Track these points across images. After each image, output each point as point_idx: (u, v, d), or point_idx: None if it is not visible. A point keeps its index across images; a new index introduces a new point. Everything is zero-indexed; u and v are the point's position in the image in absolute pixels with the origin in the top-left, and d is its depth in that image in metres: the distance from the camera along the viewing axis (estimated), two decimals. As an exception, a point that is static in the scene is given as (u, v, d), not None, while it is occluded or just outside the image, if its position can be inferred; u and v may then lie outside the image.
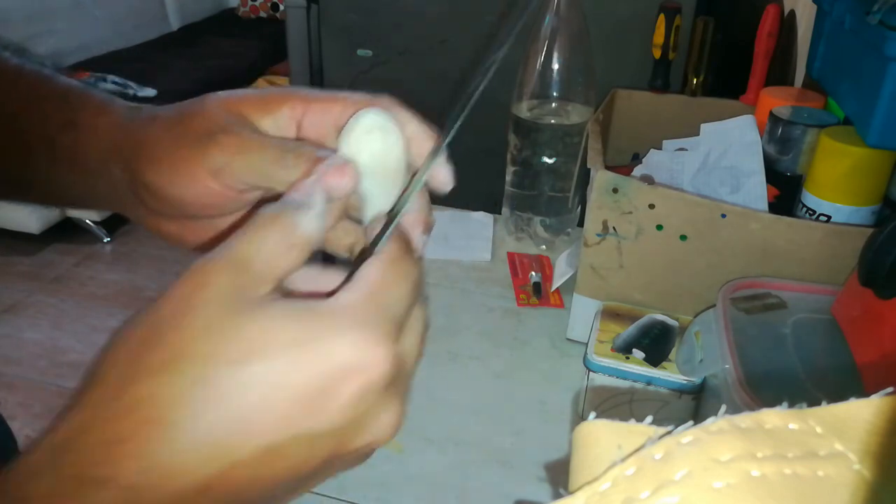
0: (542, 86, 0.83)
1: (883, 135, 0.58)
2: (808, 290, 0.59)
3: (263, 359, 0.24)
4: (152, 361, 0.24)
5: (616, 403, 0.60)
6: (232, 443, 0.24)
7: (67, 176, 0.39)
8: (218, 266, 0.25)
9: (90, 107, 0.38)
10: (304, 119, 0.34)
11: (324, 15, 1.35)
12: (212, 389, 0.24)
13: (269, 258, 0.26)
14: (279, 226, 0.27)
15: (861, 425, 0.20)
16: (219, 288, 0.25)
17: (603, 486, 0.19)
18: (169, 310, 0.25)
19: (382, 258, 0.28)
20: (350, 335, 0.25)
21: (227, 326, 0.24)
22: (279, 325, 0.25)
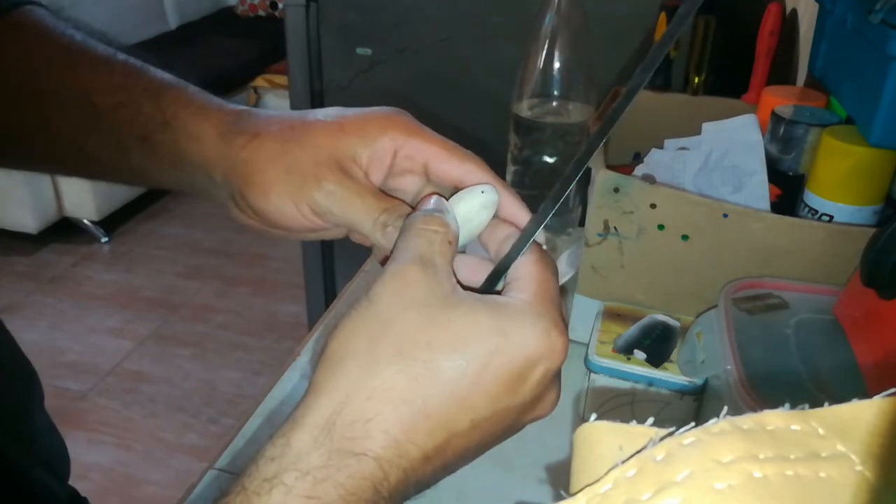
0: (543, 85, 0.83)
1: (885, 134, 0.58)
2: (810, 291, 0.58)
3: (475, 346, 0.29)
4: (388, 352, 0.28)
5: (617, 404, 0.60)
6: (453, 417, 0.29)
7: (161, 168, 0.40)
8: (413, 267, 0.30)
9: (186, 107, 0.39)
10: (400, 150, 0.37)
11: (323, 13, 1.35)
12: (435, 373, 0.28)
13: (440, 252, 0.31)
14: (437, 223, 0.32)
15: (863, 426, 0.20)
16: (420, 286, 0.30)
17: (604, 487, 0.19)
18: (387, 307, 0.29)
19: (533, 258, 0.33)
20: (539, 326, 0.30)
21: (440, 320, 0.29)
22: (481, 316, 0.29)
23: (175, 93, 0.40)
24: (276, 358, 2.10)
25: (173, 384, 2.02)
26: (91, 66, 0.41)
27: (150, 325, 2.24)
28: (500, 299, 0.31)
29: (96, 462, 1.76)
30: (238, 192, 0.37)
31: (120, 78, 0.40)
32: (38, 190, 2.42)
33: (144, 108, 0.39)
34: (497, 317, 0.29)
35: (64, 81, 0.41)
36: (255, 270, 2.51)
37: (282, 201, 0.36)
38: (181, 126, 0.38)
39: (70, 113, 0.40)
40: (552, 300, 0.32)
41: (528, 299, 0.31)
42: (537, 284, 0.32)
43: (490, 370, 0.29)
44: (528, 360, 0.30)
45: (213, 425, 1.89)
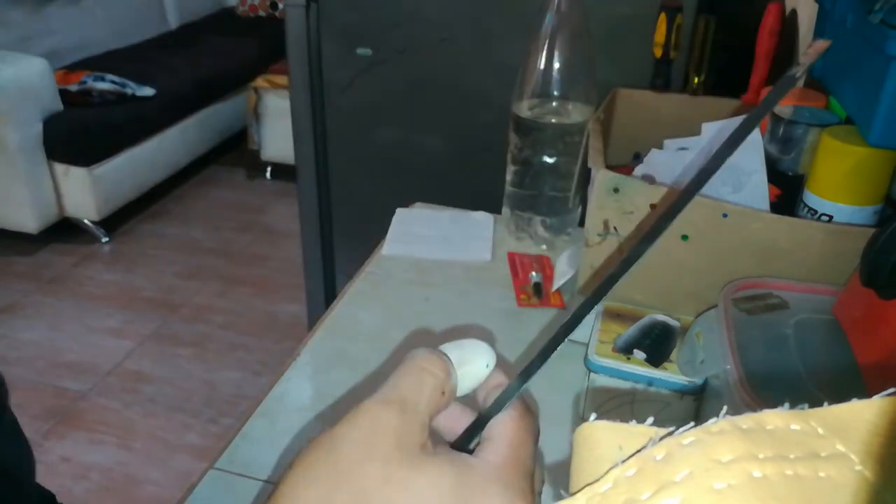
0: (543, 85, 0.83)
1: (885, 134, 0.58)
2: (809, 291, 0.58)
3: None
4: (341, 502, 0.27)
5: (617, 404, 0.60)
6: None
7: None
8: (389, 409, 0.29)
9: None
10: None
11: (323, 14, 1.35)
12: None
13: (428, 401, 0.30)
14: (437, 368, 0.31)
15: (863, 426, 0.20)
16: (388, 435, 0.28)
17: (604, 487, 0.19)
18: (348, 454, 0.28)
19: (513, 415, 0.32)
20: (500, 495, 0.28)
21: (400, 478, 0.28)
22: (443, 480, 0.28)
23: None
24: (276, 358, 2.10)
25: (173, 384, 2.02)
26: None
27: (151, 325, 2.24)
28: (470, 461, 0.30)
29: (96, 462, 1.76)
30: None
31: None
32: (38, 190, 2.42)
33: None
34: (460, 484, 0.28)
35: None
36: (255, 270, 2.51)
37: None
38: None
39: None
40: (523, 467, 0.30)
41: (498, 464, 0.30)
42: (510, 448, 0.30)
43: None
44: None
45: (213, 425, 1.89)
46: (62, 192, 2.51)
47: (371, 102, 1.38)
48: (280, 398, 0.66)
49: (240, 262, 2.56)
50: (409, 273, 0.84)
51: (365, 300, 0.80)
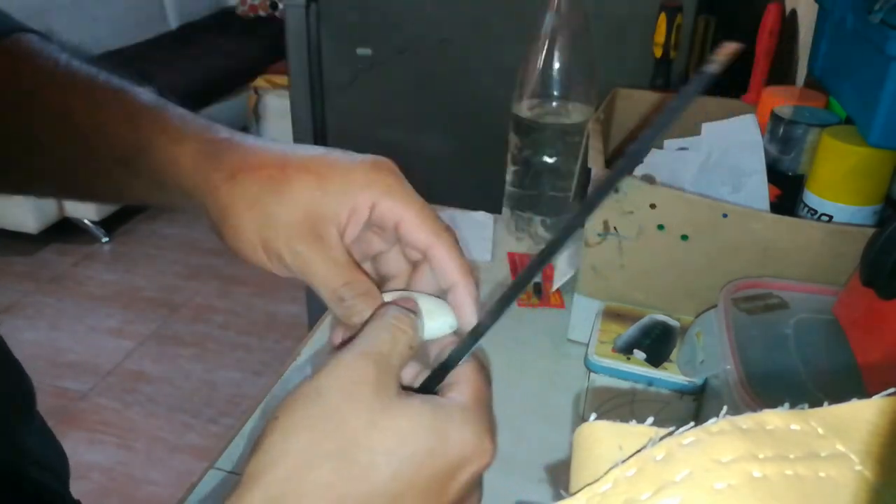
0: (543, 85, 0.83)
1: (885, 134, 0.58)
2: (809, 291, 0.58)
3: (415, 447, 0.30)
4: (329, 449, 0.29)
5: (617, 404, 0.60)
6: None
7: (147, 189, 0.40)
8: (366, 363, 0.31)
9: (163, 133, 0.39)
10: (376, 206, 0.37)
11: (323, 14, 1.35)
12: (377, 474, 0.29)
13: (400, 355, 0.33)
14: (406, 325, 0.34)
15: (863, 426, 0.20)
16: (369, 385, 0.30)
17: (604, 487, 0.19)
18: (334, 404, 0.30)
19: (474, 366, 0.34)
20: (475, 428, 0.32)
21: (384, 421, 0.30)
22: (424, 420, 0.30)
23: (152, 116, 0.39)
24: (276, 358, 2.10)
25: (174, 384, 2.02)
26: (73, 88, 0.41)
27: (151, 325, 2.24)
28: (442, 401, 0.32)
29: (96, 462, 1.76)
30: (216, 227, 0.38)
31: (100, 99, 0.40)
32: (38, 190, 2.42)
33: (121, 131, 0.39)
34: (436, 419, 0.31)
35: (49, 103, 0.41)
36: (255, 270, 2.48)
37: (254, 249, 0.37)
38: (158, 152, 0.38)
39: (57, 135, 0.41)
40: (487, 406, 0.34)
41: (466, 403, 0.32)
42: (475, 392, 0.33)
43: (425, 469, 0.30)
44: (460, 460, 0.31)
45: (214, 425, 1.89)
46: (62, 192, 2.51)
47: (371, 102, 1.38)
48: (280, 398, 0.66)
49: (240, 262, 2.54)
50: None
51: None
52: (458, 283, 0.37)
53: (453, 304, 0.37)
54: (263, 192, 0.36)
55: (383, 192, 0.37)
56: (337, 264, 0.36)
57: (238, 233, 0.37)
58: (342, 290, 0.36)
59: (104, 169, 0.40)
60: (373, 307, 0.36)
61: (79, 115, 0.40)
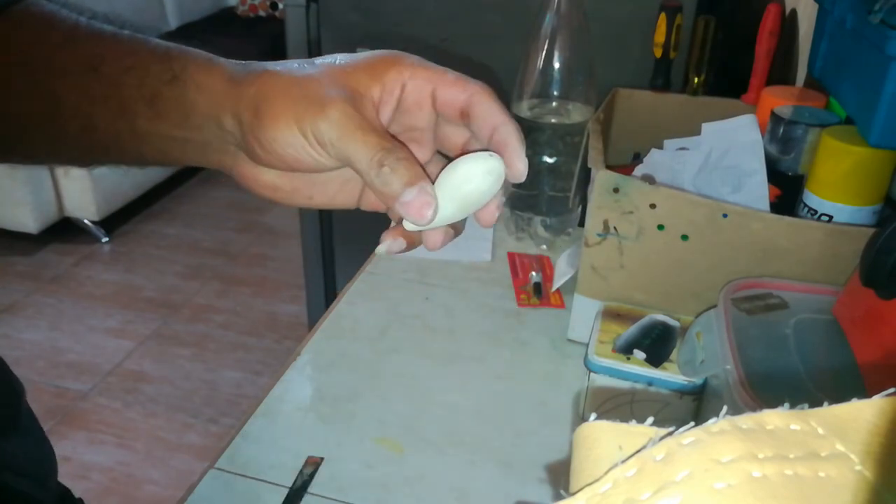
0: (543, 85, 0.83)
1: (884, 134, 0.58)
2: (809, 291, 0.58)
3: None
4: None
5: (617, 404, 0.60)
6: None
7: (169, 132, 0.40)
8: None
9: (195, 63, 0.39)
10: (407, 83, 0.38)
11: (323, 13, 1.35)
12: None
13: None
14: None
15: (863, 426, 0.20)
16: None
17: (604, 487, 0.19)
18: None
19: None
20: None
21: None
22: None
23: (182, 51, 0.40)
24: (276, 358, 2.10)
25: (174, 384, 2.02)
26: (98, 40, 0.41)
27: (151, 325, 2.24)
28: None
29: (96, 462, 1.76)
30: (248, 130, 0.37)
31: (127, 45, 0.40)
32: (38, 190, 2.42)
33: (153, 68, 0.39)
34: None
35: (72, 58, 0.41)
36: (255, 270, 2.51)
37: (290, 129, 0.36)
38: (190, 78, 0.39)
39: (78, 87, 0.40)
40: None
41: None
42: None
43: None
44: None
45: (214, 425, 1.89)
46: (62, 191, 2.51)
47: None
48: (280, 398, 0.66)
49: (240, 262, 2.56)
50: (409, 273, 0.84)
51: (365, 300, 0.80)
52: (500, 124, 0.37)
53: (498, 145, 0.37)
54: (293, 77, 0.37)
55: (409, 68, 0.38)
56: (374, 130, 0.36)
57: (274, 118, 0.36)
58: (380, 155, 0.35)
59: (129, 114, 0.40)
60: (416, 173, 0.35)
61: (107, 64, 0.40)
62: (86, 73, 0.40)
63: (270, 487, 0.57)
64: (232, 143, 0.39)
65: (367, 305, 0.79)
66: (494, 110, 0.37)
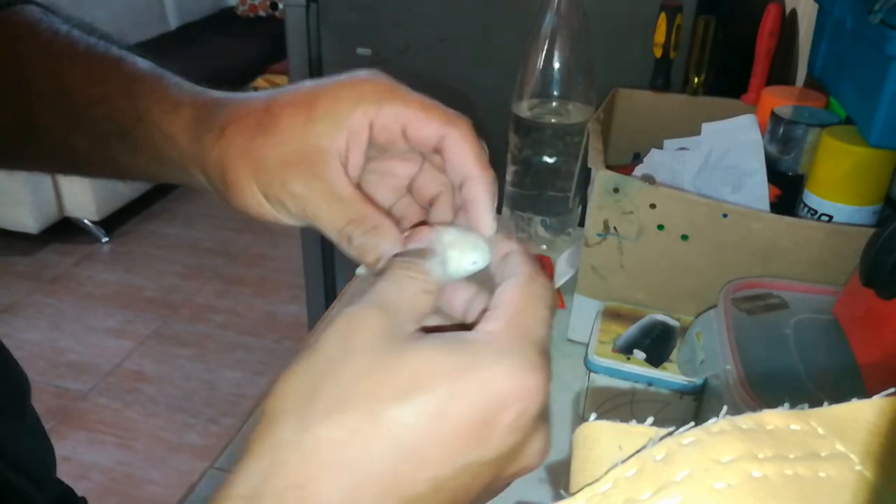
0: (543, 85, 0.83)
1: (885, 134, 0.58)
2: (809, 291, 0.58)
3: (426, 392, 0.24)
4: (321, 406, 0.25)
5: (617, 404, 0.60)
6: (405, 478, 0.24)
7: (146, 163, 0.39)
8: (369, 311, 0.27)
9: (159, 103, 0.37)
10: (375, 121, 0.34)
11: (323, 13, 1.35)
12: (379, 427, 0.24)
13: (411, 299, 0.28)
14: (416, 271, 0.29)
15: (863, 426, 0.20)
16: (372, 330, 0.26)
17: (604, 487, 0.19)
18: (327, 356, 0.26)
19: (518, 281, 0.29)
20: (503, 363, 0.25)
21: (386, 365, 0.25)
22: (435, 358, 0.25)
23: (149, 86, 0.38)
24: (276, 358, 2.10)
25: (174, 384, 2.02)
26: (71, 60, 0.40)
27: (151, 325, 2.24)
28: (465, 336, 0.27)
29: (96, 462, 1.76)
30: (219, 193, 0.36)
31: (98, 72, 0.39)
32: (38, 190, 2.42)
33: (120, 104, 0.38)
34: (452, 356, 0.25)
35: (47, 77, 0.40)
36: (255, 270, 2.51)
37: (257, 201, 0.34)
38: (154, 124, 0.37)
39: (54, 108, 0.40)
40: (528, 331, 0.27)
41: (498, 333, 0.27)
42: (514, 313, 0.28)
43: (446, 419, 0.24)
44: (493, 403, 0.25)
45: (214, 425, 1.89)
46: (62, 191, 2.51)
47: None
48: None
49: (240, 261, 2.56)
50: (409, 273, 0.84)
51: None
52: (470, 175, 0.33)
53: (466, 199, 0.33)
54: (252, 139, 0.34)
55: (377, 102, 0.33)
56: (339, 200, 0.33)
57: (237, 188, 0.34)
58: (348, 229, 0.32)
59: (104, 143, 0.39)
60: (390, 241, 0.32)
61: (78, 90, 0.39)
62: (59, 95, 0.39)
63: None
64: (210, 189, 0.37)
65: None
66: (467, 158, 0.34)
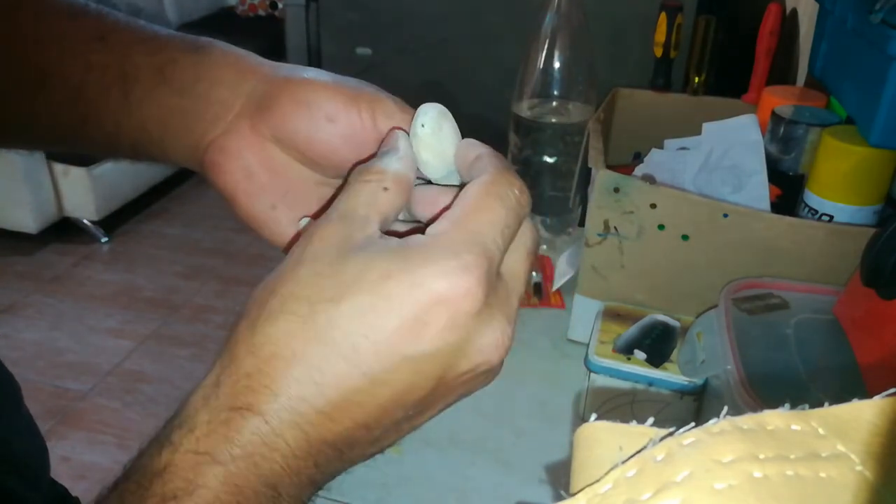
0: (543, 84, 0.83)
1: (885, 134, 0.58)
2: (810, 291, 0.58)
3: (356, 294, 0.26)
4: (271, 308, 0.28)
5: (617, 404, 0.60)
6: (341, 372, 0.26)
7: (165, 97, 0.39)
8: (326, 223, 0.28)
9: (222, 44, 0.39)
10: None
11: (323, 13, 1.35)
12: (315, 326, 0.26)
13: (367, 202, 0.29)
14: (370, 172, 0.30)
15: (863, 426, 0.20)
16: (324, 239, 0.28)
17: (604, 487, 0.19)
18: (284, 268, 0.28)
19: (480, 180, 0.30)
20: (437, 265, 0.26)
21: (329, 271, 0.27)
22: (372, 262, 0.27)
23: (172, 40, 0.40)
24: (276, 358, 2.10)
25: (173, 384, 2.01)
26: (108, 16, 0.41)
27: (150, 325, 2.24)
28: (410, 239, 0.27)
29: (96, 462, 1.76)
30: (282, 85, 0.37)
31: (141, 24, 0.40)
32: (38, 190, 2.42)
33: (173, 41, 0.39)
34: (389, 260, 0.26)
35: (75, 29, 0.39)
36: (255, 270, 2.51)
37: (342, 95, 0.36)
38: (219, 48, 0.38)
39: (76, 56, 0.39)
40: (471, 232, 0.27)
41: (441, 233, 0.27)
42: (463, 214, 0.28)
43: (375, 317, 0.26)
44: (419, 304, 0.26)
45: (213, 425, 1.89)
46: (62, 191, 2.51)
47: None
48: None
49: (239, 262, 2.56)
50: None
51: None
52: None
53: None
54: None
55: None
56: None
57: (322, 84, 0.37)
58: None
59: (126, 79, 0.39)
60: None
61: (118, 34, 0.40)
62: (90, 41, 0.39)
63: (270, 487, 0.57)
64: (237, 106, 0.37)
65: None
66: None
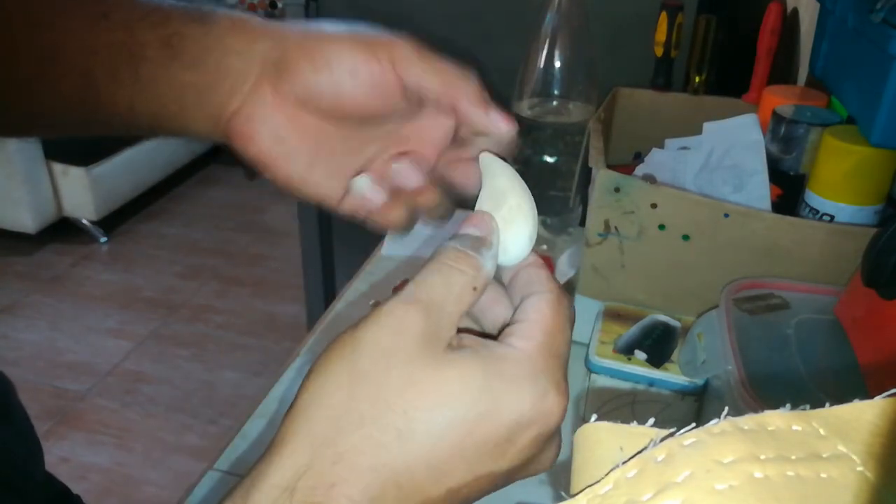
0: (544, 84, 0.83)
1: (886, 134, 0.58)
2: (811, 291, 0.58)
3: (458, 408, 0.26)
4: (361, 413, 0.26)
5: (618, 405, 0.60)
6: (426, 487, 0.26)
7: (177, 72, 0.38)
8: (413, 310, 0.28)
9: (225, 11, 0.39)
10: None
11: (323, 13, 1.35)
12: (412, 441, 0.26)
13: (458, 299, 0.29)
14: (468, 265, 0.29)
15: (864, 427, 0.20)
16: (413, 335, 0.27)
17: (605, 488, 0.19)
18: (370, 358, 0.27)
19: (549, 298, 0.30)
20: (534, 388, 0.27)
21: (426, 381, 0.26)
22: (470, 374, 0.27)
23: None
24: (275, 358, 2.10)
25: (173, 384, 2.01)
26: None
27: (150, 325, 2.24)
28: (498, 351, 0.28)
29: (95, 462, 1.76)
30: (299, 46, 0.38)
31: (143, 1, 0.39)
32: (36, 190, 2.42)
33: (175, 12, 0.37)
34: (488, 377, 0.27)
35: (77, 8, 0.38)
36: (255, 270, 2.51)
37: (358, 47, 0.37)
38: (223, 16, 0.37)
39: (81, 37, 0.38)
40: (557, 354, 0.29)
41: (530, 352, 0.28)
42: (544, 335, 0.29)
43: (473, 436, 0.26)
44: (517, 424, 0.27)
45: (213, 426, 1.89)
46: (61, 191, 2.51)
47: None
48: (279, 398, 0.66)
49: (239, 262, 2.56)
50: (409, 273, 0.84)
51: (364, 300, 0.79)
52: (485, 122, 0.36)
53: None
54: None
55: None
56: None
57: (338, 38, 0.40)
58: None
59: (135, 62, 0.38)
60: None
61: (120, 11, 0.38)
62: (93, 20, 0.38)
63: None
64: (253, 74, 0.37)
65: (367, 305, 0.79)
66: (475, 107, 0.38)
